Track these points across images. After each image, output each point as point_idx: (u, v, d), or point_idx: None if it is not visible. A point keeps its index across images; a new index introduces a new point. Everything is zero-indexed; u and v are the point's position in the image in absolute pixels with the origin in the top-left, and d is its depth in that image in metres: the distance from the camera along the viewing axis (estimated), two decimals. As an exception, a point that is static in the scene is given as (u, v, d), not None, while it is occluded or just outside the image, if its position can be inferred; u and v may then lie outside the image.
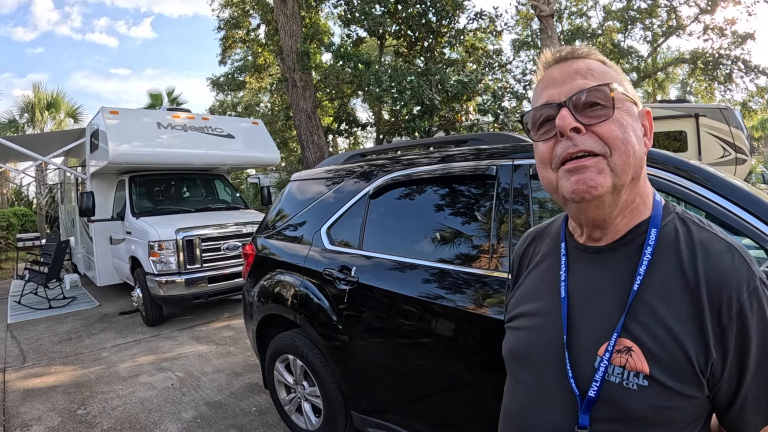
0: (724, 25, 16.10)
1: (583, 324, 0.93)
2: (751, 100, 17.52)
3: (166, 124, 7.69)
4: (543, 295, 1.04)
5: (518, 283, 1.17)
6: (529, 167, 2.24)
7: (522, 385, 1.03)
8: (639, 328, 0.85)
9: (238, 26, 16.30)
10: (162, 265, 6.38)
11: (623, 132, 0.86)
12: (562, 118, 0.87)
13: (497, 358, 2.06)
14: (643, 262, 0.88)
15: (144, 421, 3.81)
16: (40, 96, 18.89)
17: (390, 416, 2.62)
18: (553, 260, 1.06)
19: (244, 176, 24.27)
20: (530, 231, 1.22)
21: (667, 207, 0.95)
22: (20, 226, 16.87)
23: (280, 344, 3.26)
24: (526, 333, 1.05)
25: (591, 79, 0.89)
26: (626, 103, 0.90)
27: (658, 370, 0.82)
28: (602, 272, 0.94)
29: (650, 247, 0.89)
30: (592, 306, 0.93)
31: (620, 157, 0.85)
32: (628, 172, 0.86)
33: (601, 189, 0.85)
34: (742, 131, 9.74)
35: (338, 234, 2.98)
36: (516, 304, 1.13)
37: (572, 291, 0.98)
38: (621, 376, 0.84)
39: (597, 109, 0.87)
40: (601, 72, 0.91)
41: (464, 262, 2.31)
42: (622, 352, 0.85)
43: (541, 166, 0.95)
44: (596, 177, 0.85)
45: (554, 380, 0.94)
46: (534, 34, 17.77)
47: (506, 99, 10.91)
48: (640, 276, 0.87)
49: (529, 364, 1.02)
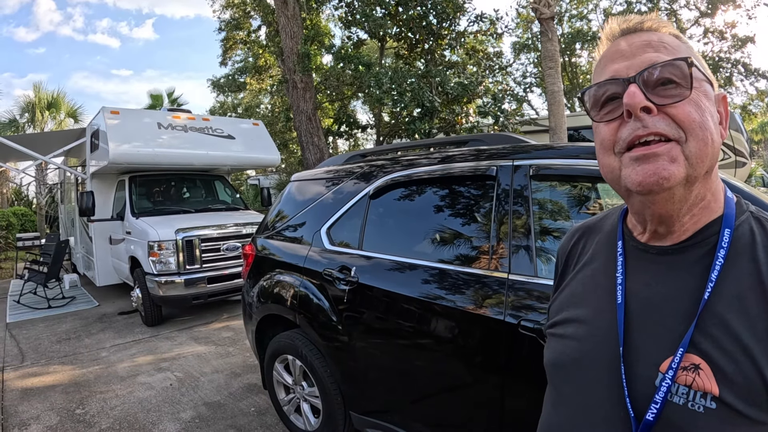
0: (724, 28, 16.11)
1: (642, 335, 0.81)
2: (751, 103, 17.54)
3: (167, 124, 7.70)
4: (594, 300, 0.92)
5: (564, 283, 1.04)
6: (529, 168, 2.25)
7: (566, 399, 0.92)
8: (709, 343, 0.73)
9: (239, 27, 16.32)
10: (161, 265, 6.38)
11: (701, 115, 0.75)
12: (631, 95, 0.75)
13: (495, 359, 2.07)
14: (716, 267, 0.77)
15: (142, 420, 3.80)
16: (41, 96, 18.90)
17: (389, 417, 2.62)
18: (608, 260, 0.93)
19: (245, 177, 24.28)
20: (579, 225, 1.09)
21: (740, 205, 0.84)
22: (20, 225, 16.88)
23: (280, 344, 3.26)
24: (574, 342, 0.92)
25: (664, 53, 0.78)
26: (704, 83, 0.79)
27: (729, 392, 0.70)
28: (666, 277, 0.82)
29: (723, 250, 0.77)
30: (654, 315, 0.82)
31: (697, 145, 0.75)
32: (704, 162, 0.76)
33: (673, 180, 0.74)
34: (742, 134, 9.76)
35: (338, 234, 2.98)
36: (561, 308, 1.00)
37: (630, 297, 0.86)
38: (686, 397, 0.73)
39: (671, 87, 0.76)
40: (675, 46, 0.80)
41: (464, 262, 2.31)
42: (688, 369, 0.74)
43: (602, 151, 0.84)
44: (669, 166, 0.74)
45: (605, 398, 0.83)
46: (534, 36, 17.78)
47: (506, 101, 10.92)
48: (712, 282, 0.76)
49: (576, 378, 0.90)
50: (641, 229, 0.88)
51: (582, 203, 2.28)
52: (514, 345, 1.99)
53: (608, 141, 0.81)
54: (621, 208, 0.97)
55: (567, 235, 1.11)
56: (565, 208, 2.30)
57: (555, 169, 2.21)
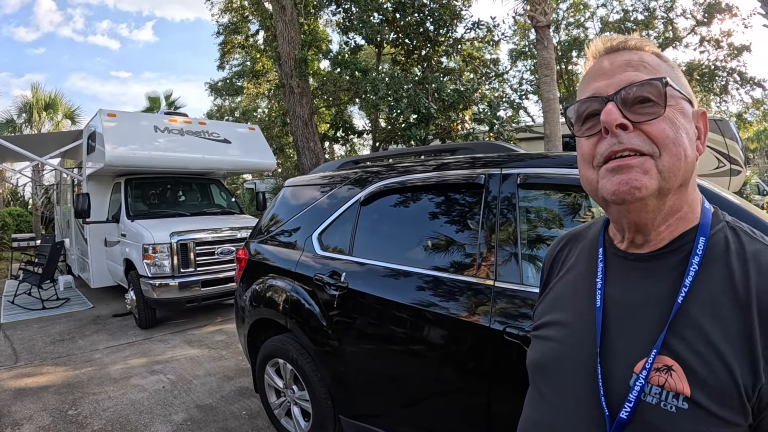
0: (721, 37, 16.21)
1: (619, 337, 0.85)
2: (746, 111, 17.63)
3: (163, 127, 7.73)
4: (576, 304, 0.96)
5: (548, 288, 1.09)
6: (517, 176, 2.28)
7: (546, 399, 0.96)
8: (682, 345, 0.77)
9: (237, 32, 16.34)
10: (156, 268, 6.40)
11: (675, 132, 0.80)
12: (608, 113, 0.80)
13: (482, 365, 2.11)
14: (690, 273, 0.80)
15: (134, 422, 3.82)
16: (39, 96, 18.92)
17: (378, 421, 2.65)
18: (590, 266, 0.98)
19: (241, 181, 24.28)
20: (565, 233, 1.14)
21: (717, 215, 0.88)
22: (15, 226, 16.84)
23: (271, 348, 3.29)
24: (555, 344, 0.97)
25: (644, 72, 0.82)
26: (680, 101, 0.83)
27: (701, 393, 0.73)
28: (643, 282, 0.86)
29: (698, 257, 0.81)
30: (630, 318, 0.85)
31: (670, 159, 0.79)
32: (677, 176, 0.80)
33: (645, 191, 0.79)
34: (737, 142, 9.84)
35: (329, 240, 3.02)
36: (545, 311, 1.05)
37: (609, 301, 0.89)
38: (659, 397, 0.76)
39: (648, 105, 0.80)
40: (654, 65, 0.84)
41: (451, 269, 2.34)
42: (661, 370, 0.77)
43: (582, 164, 0.89)
44: (641, 177, 0.79)
45: (582, 397, 0.86)
46: (531, 44, 17.86)
47: (502, 108, 10.99)
48: (686, 287, 0.79)
49: (556, 378, 0.94)
50: (620, 237, 0.93)
51: (569, 212, 2.32)
52: (499, 351, 2.02)
53: (588, 155, 0.86)
54: (604, 218, 1.01)
55: (554, 242, 1.15)
56: (552, 216, 2.34)
57: (543, 178, 2.25)
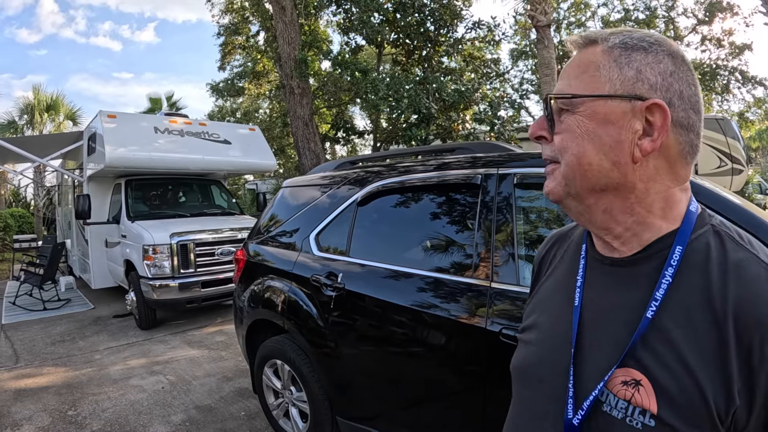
0: (722, 36, 16.21)
1: (591, 344, 0.82)
2: (748, 110, 17.62)
3: (164, 128, 7.74)
4: (555, 306, 0.94)
5: (535, 290, 1.07)
6: (514, 176, 2.27)
7: (524, 403, 0.95)
8: (651, 358, 0.73)
9: (237, 32, 16.35)
10: (156, 269, 6.40)
11: (571, 141, 0.79)
12: (533, 126, 0.86)
13: (478, 366, 2.11)
14: (662, 285, 0.76)
15: (133, 423, 3.83)
16: (40, 98, 18.95)
17: (375, 423, 2.64)
18: (571, 267, 0.95)
19: (242, 182, 24.30)
20: (554, 233, 1.11)
21: (702, 217, 0.81)
22: (17, 227, 16.88)
23: (269, 349, 3.29)
24: (534, 348, 0.95)
25: (572, 78, 0.81)
26: (594, 104, 0.78)
27: (668, 411, 0.70)
28: (617, 287, 0.83)
29: (672, 268, 0.76)
30: (603, 324, 0.82)
31: (565, 167, 0.81)
32: (576, 182, 0.80)
33: (552, 195, 0.84)
34: (739, 142, 9.82)
35: (326, 241, 3.02)
36: (529, 313, 1.03)
37: (585, 305, 0.87)
38: (625, 412, 0.73)
39: (561, 114, 0.81)
40: (583, 67, 0.81)
41: (448, 270, 2.34)
42: (629, 384, 0.74)
43: None
44: (549, 183, 0.84)
45: (554, 403, 0.84)
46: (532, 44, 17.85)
47: (503, 108, 10.97)
48: (656, 302, 0.75)
49: (533, 382, 0.93)
50: (596, 237, 0.90)
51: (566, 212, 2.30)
52: (495, 353, 2.01)
53: None
54: None
55: (544, 242, 1.12)
56: (549, 216, 2.33)
57: (540, 178, 2.24)
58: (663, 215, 0.80)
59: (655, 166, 0.77)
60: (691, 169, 0.82)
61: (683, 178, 0.80)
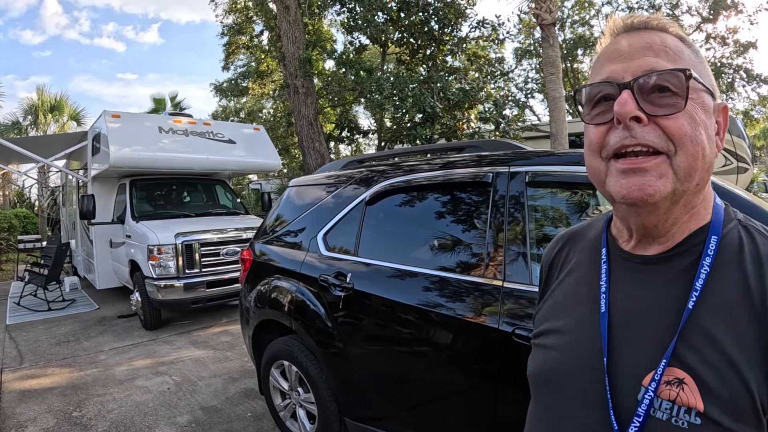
0: (726, 34, 16.11)
1: (625, 347, 0.78)
2: (753, 108, 17.52)
3: (168, 128, 7.72)
4: (577, 310, 0.89)
5: (548, 293, 1.01)
6: (525, 174, 2.25)
7: (548, 411, 0.90)
8: (693, 356, 0.71)
9: (241, 32, 16.33)
10: (161, 269, 6.38)
11: (694, 129, 0.72)
12: (623, 103, 0.72)
13: (490, 367, 2.07)
14: (701, 275, 0.73)
15: (139, 424, 3.80)
16: (44, 99, 18.96)
17: (384, 424, 2.61)
18: (592, 269, 0.90)
19: (246, 182, 24.29)
20: (563, 233, 1.06)
21: (728, 212, 0.81)
22: (21, 227, 16.90)
23: (276, 350, 3.26)
24: (556, 353, 0.90)
25: (664, 59, 0.74)
26: (702, 94, 0.75)
27: (715, 408, 0.68)
28: (651, 286, 0.79)
29: (709, 258, 0.74)
30: (637, 326, 0.78)
31: (686, 159, 0.72)
32: (693, 177, 0.73)
33: (658, 196, 0.73)
34: (744, 140, 9.75)
35: (334, 240, 2.98)
36: (545, 317, 0.97)
37: (613, 307, 0.82)
38: (670, 412, 0.70)
39: (667, 96, 0.72)
40: (677, 51, 0.76)
41: (459, 269, 2.31)
42: (672, 384, 0.71)
43: (589, 153, 0.81)
44: (655, 182, 0.72)
45: (588, 411, 0.80)
46: (536, 42, 17.80)
47: (508, 107, 10.93)
48: (696, 292, 0.73)
49: (557, 389, 0.87)
50: (627, 236, 0.86)
51: (580, 210, 2.28)
52: (508, 353, 1.98)
53: (596, 144, 0.79)
54: (606, 216, 0.94)
55: (551, 243, 1.08)
56: (562, 215, 2.30)
57: (552, 176, 2.21)
58: (705, 207, 0.80)
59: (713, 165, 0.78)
60: None
61: None
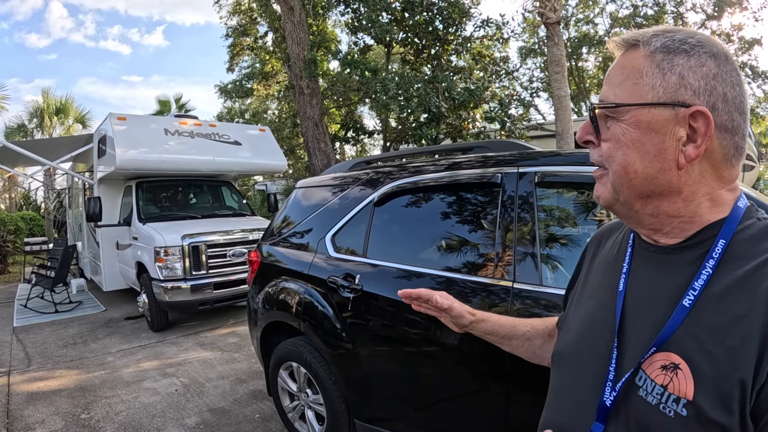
0: (731, 31, 16.05)
1: (633, 328, 0.84)
2: (758, 106, 17.46)
3: (174, 130, 7.74)
4: (601, 292, 0.96)
5: (578, 278, 1.11)
6: (534, 175, 2.23)
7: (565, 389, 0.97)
8: (692, 343, 0.73)
9: (245, 34, 16.38)
10: (168, 270, 6.39)
11: (616, 150, 0.81)
12: (581, 129, 0.88)
13: (500, 367, 2.06)
14: (701, 276, 0.77)
15: (147, 426, 3.80)
16: (49, 101, 19.08)
17: (393, 425, 2.60)
18: (619, 254, 0.97)
19: (252, 183, 24.33)
20: (608, 224, 1.12)
21: (750, 211, 0.81)
22: (28, 230, 16.95)
23: (284, 351, 3.25)
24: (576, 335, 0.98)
25: (609, 86, 0.83)
26: (638, 112, 0.79)
27: (705, 396, 0.70)
28: (661, 274, 0.84)
29: (713, 260, 0.77)
30: (644, 310, 0.84)
31: (612, 175, 0.83)
32: (624, 189, 0.82)
33: (602, 201, 0.87)
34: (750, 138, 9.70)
35: (343, 241, 2.97)
36: (572, 301, 1.08)
37: (628, 291, 0.89)
38: (659, 398, 0.74)
39: (606, 120, 0.83)
40: (626, 73, 0.81)
41: (469, 270, 2.29)
42: (668, 369, 0.74)
43: None
44: (599, 188, 0.87)
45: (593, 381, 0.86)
46: (541, 41, 17.76)
47: (513, 106, 10.92)
48: (695, 291, 0.76)
49: (574, 367, 0.94)
50: None
51: (588, 210, 2.26)
52: (519, 354, 1.96)
53: None
54: None
55: (594, 233, 1.14)
56: (571, 215, 2.29)
57: (560, 176, 2.20)
58: (710, 214, 0.81)
59: (700, 170, 0.79)
60: (737, 170, 0.81)
61: (729, 179, 0.81)
